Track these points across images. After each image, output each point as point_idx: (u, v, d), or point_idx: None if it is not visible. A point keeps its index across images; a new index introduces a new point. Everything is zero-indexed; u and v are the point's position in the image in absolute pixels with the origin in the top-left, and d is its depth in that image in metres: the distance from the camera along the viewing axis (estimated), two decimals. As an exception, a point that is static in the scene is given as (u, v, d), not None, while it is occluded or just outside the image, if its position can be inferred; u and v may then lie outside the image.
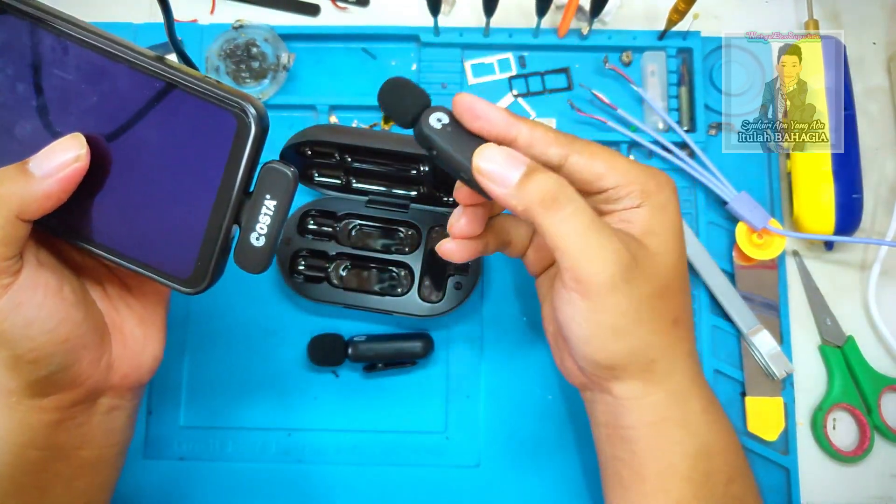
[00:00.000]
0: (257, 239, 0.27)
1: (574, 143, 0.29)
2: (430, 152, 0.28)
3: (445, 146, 0.28)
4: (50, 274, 0.28)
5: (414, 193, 0.43)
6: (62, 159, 0.26)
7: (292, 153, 0.41)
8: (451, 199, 0.43)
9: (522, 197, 0.27)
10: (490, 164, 0.27)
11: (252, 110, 0.26)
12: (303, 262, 0.44)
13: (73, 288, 0.29)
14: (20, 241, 0.26)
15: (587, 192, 0.30)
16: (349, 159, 0.41)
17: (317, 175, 0.44)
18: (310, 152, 0.41)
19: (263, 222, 0.27)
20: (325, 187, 0.44)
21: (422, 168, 0.40)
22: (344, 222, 0.44)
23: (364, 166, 0.42)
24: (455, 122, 0.28)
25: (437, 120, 0.28)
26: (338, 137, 0.40)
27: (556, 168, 0.29)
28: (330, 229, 0.44)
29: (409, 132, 0.48)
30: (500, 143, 0.28)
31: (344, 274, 0.44)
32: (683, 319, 0.30)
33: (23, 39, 0.27)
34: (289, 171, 0.27)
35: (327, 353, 0.43)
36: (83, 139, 0.27)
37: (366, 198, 0.43)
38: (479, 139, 0.28)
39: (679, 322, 0.30)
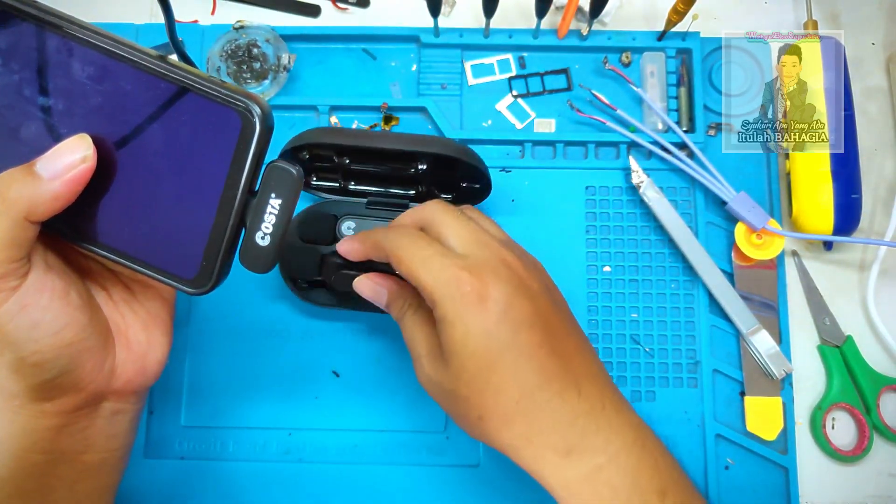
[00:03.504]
0: (262, 238, 0.27)
1: (391, 244, 0.33)
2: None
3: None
4: (57, 277, 0.28)
5: (413, 193, 0.43)
6: (69, 160, 0.26)
7: (289, 158, 0.41)
8: (449, 196, 0.44)
9: (391, 313, 0.36)
10: (364, 293, 0.37)
11: (257, 109, 0.26)
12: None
13: (79, 291, 0.29)
14: (28, 242, 0.26)
15: None
16: (347, 161, 0.41)
17: (315, 179, 0.44)
18: (307, 156, 0.41)
19: (269, 222, 0.27)
20: (323, 191, 0.44)
21: (420, 167, 0.40)
22: (345, 224, 0.44)
23: (362, 167, 0.42)
24: None
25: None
26: (335, 139, 0.39)
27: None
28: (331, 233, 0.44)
29: (409, 130, 0.49)
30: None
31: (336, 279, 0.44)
32: (491, 417, 0.31)
33: (27, 41, 0.27)
34: (294, 169, 0.27)
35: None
36: (90, 140, 0.27)
37: (365, 199, 0.44)
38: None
39: (485, 418, 0.31)
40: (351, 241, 0.36)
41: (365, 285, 0.37)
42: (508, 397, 0.30)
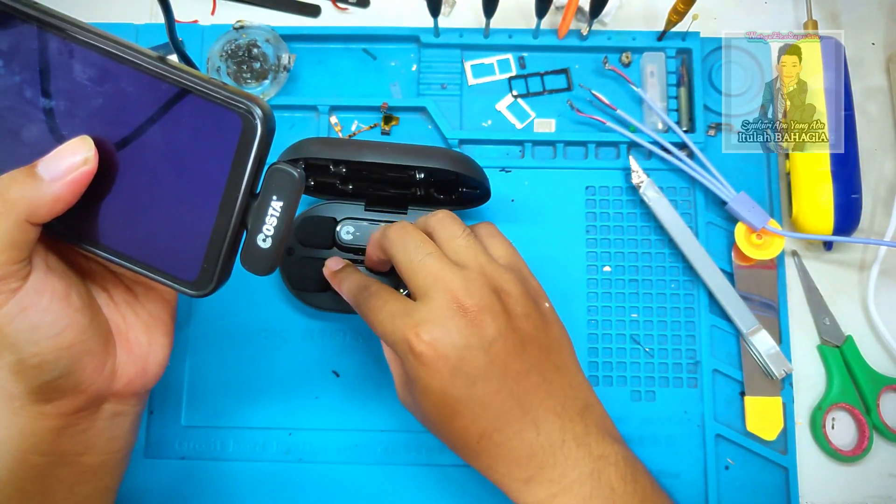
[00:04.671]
0: (264, 241, 0.27)
1: (363, 305, 0.35)
2: None
3: None
4: (58, 279, 0.28)
5: (411, 194, 0.43)
6: (70, 162, 0.26)
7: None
8: (448, 199, 0.44)
9: None
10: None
11: (258, 111, 0.26)
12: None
13: (79, 293, 0.29)
14: (30, 244, 0.26)
15: None
16: (344, 171, 0.41)
17: (312, 183, 0.44)
18: (304, 165, 0.41)
19: (270, 224, 0.27)
20: (321, 194, 0.44)
21: (418, 175, 0.40)
22: (344, 228, 0.44)
23: (360, 174, 0.42)
24: None
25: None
26: (331, 153, 0.39)
27: None
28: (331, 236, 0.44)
29: (409, 130, 0.48)
30: None
31: None
32: (458, 449, 0.34)
33: (28, 43, 0.27)
34: (295, 172, 0.27)
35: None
36: (91, 142, 0.26)
37: (363, 202, 0.43)
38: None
39: (455, 447, 0.34)
40: (335, 279, 0.39)
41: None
42: (470, 439, 0.32)
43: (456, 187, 0.42)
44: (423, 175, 0.40)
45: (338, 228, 0.43)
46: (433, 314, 0.31)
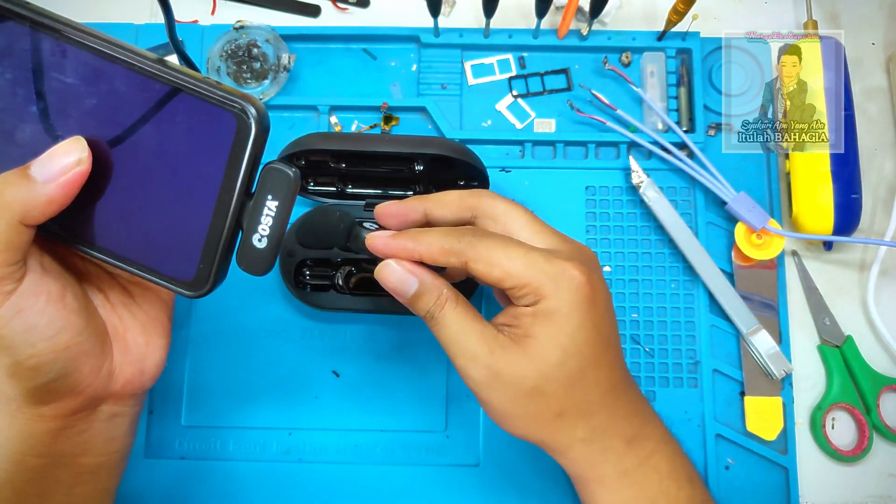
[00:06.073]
0: (259, 240, 0.27)
1: (472, 249, 0.30)
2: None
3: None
4: (53, 280, 0.28)
5: (410, 193, 0.44)
6: (64, 163, 0.26)
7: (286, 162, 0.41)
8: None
9: (416, 307, 0.31)
10: (388, 281, 0.31)
11: (252, 110, 0.26)
12: (307, 273, 0.44)
13: (75, 295, 0.29)
14: (24, 246, 0.26)
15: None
16: (344, 166, 0.41)
17: (311, 185, 0.44)
18: (303, 162, 0.41)
19: (265, 223, 0.27)
20: (320, 196, 0.44)
21: (417, 168, 0.40)
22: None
23: (360, 170, 0.42)
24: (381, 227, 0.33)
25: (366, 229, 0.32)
26: (331, 144, 0.39)
27: (461, 267, 0.31)
28: None
29: (409, 130, 0.48)
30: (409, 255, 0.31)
31: (349, 279, 0.44)
32: (571, 412, 0.31)
33: (21, 43, 0.27)
34: (290, 171, 0.27)
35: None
36: (84, 142, 0.26)
37: (363, 202, 0.44)
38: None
39: (565, 415, 0.31)
40: (402, 241, 0.31)
41: (391, 273, 0.31)
42: (599, 391, 0.31)
43: (455, 181, 0.42)
44: (422, 167, 0.40)
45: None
46: (575, 256, 0.31)
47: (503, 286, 0.30)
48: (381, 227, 0.33)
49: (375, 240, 0.31)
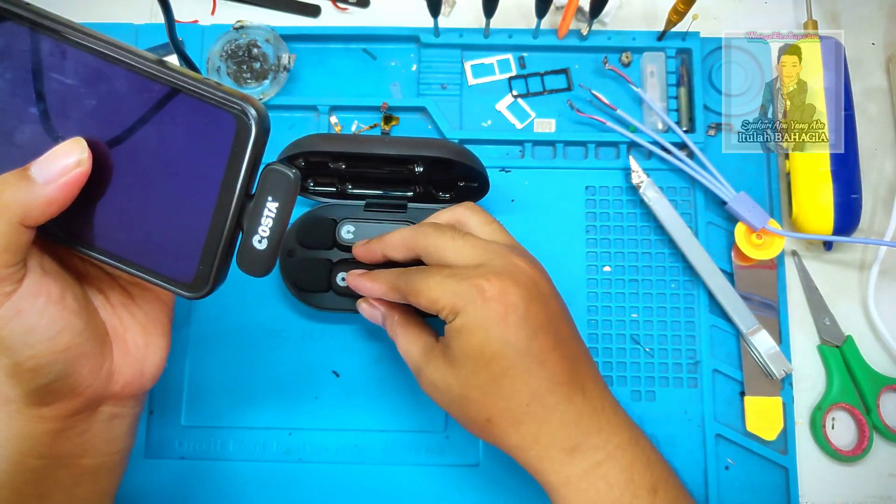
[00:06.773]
0: (260, 242, 0.27)
1: (406, 285, 0.34)
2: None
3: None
4: (53, 282, 0.28)
5: (410, 193, 0.44)
6: (64, 164, 0.26)
7: (286, 163, 0.41)
8: (447, 196, 0.44)
9: (386, 329, 0.38)
10: (363, 314, 0.39)
11: (252, 111, 0.26)
12: (307, 273, 0.44)
13: (75, 296, 0.29)
14: (23, 247, 0.26)
15: None
16: (344, 166, 0.41)
17: (311, 185, 0.44)
18: (303, 163, 0.41)
19: (266, 225, 0.27)
20: (320, 196, 0.44)
21: (417, 169, 0.40)
22: (344, 228, 0.44)
23: (360, 171, 0.42)
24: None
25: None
26: (331, 146, 0.39)
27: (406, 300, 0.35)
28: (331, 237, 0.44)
29: (409, 130, 0.48)
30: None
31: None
32: (499, 419, 0.33)
33: (21, 44, 0.26)
34: (290, 172, 0.27)
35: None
36: (84, 143, 0.26)
37: (363, 202, 0.44)
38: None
39: (493, 421, 0.33)
40: (364, 281, 0.38)
41: (363, 309, 0.39)
42: (520, 401, 0.32)
43: (455, 182, 0.42)
44: (422, 168, 0.40)
45: (338, 228, 0.43)
46: (498, 269, 0.32)
47: (431, 311, 0.33)
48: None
49: (349, 279, 0.39)
